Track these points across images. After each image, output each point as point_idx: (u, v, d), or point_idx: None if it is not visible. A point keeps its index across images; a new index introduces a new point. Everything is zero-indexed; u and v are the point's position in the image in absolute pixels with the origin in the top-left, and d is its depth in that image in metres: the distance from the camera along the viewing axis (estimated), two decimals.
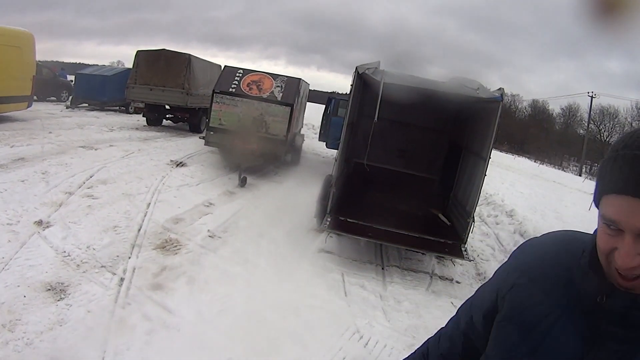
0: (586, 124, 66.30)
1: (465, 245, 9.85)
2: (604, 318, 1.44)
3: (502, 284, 1.77)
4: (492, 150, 9.68)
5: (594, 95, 63.28)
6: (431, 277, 9.74)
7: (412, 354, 2.26)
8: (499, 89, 9.46)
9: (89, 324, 5.78)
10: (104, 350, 5.36)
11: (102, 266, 7.39)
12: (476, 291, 2.03)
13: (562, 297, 1.57)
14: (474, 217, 9.86)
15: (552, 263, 1.65)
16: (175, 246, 8.73)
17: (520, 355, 1.60)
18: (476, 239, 12.43)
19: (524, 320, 1.62)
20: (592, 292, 1.47)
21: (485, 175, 9.64)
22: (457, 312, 2.12)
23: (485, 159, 9.63)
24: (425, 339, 2.28)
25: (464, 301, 2.12)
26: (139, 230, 9.13)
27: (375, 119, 9.58)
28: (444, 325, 2.19)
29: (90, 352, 5.26)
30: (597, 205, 1.43)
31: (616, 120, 67.17)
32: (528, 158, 60.63)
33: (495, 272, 1.90)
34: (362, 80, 10.10)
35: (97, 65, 35.28)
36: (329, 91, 34.48)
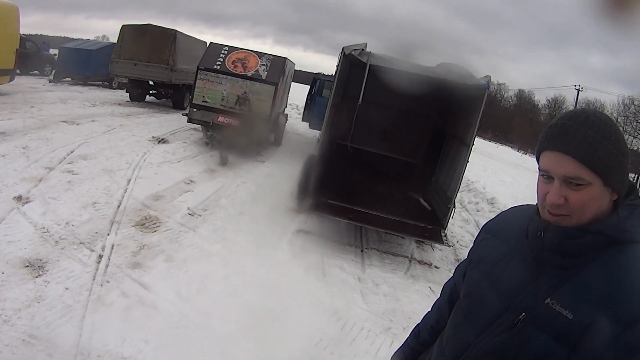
0: None
1: (445, 231, 9.92)
2: (544, 249, 1.86)
3: (474, 245, 2.33)
4: (476, 138, 9.70)
5: (580, 89, 63.55)
6: (410, 261, 9.78)
7: (405, 340, 2.70)
8: (486, 76, 9.45)
9: (67, 302, 5.75)
10: (80, 327, 5.34)
11: (80, 243, 7.35)
12: (456, 267, 2.54)
13: (516, 243, 2.02)
14: (454, 203, 9.91)
15: (511, 221, 2.17)
16: (155, 223, 8.71)
17: (482, 288, 2.06)
18: (456, 225, 12.52)
19: (486, 264, 2.11)
20: (535, 230, 1.91)
21: (468, 161, 9.67)
22: (441, 291, 2.60)
23: (468, 146, 9.67)
24: (403, 323, 2.57)
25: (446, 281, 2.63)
26: (119, 206, 9.09)
27: (360, 101, 9.58)
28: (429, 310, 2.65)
29: (67, 330, 5.25)
30: (537, 161, 1.90)
31: None
32: (511, 147, 60.96)
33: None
34: (348, 62, 10.04)
35: (81, 39, 34.90)
36: (315, 72, 34.47)
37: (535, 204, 2.01)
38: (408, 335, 2.68)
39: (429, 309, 2.64)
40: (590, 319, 1.70)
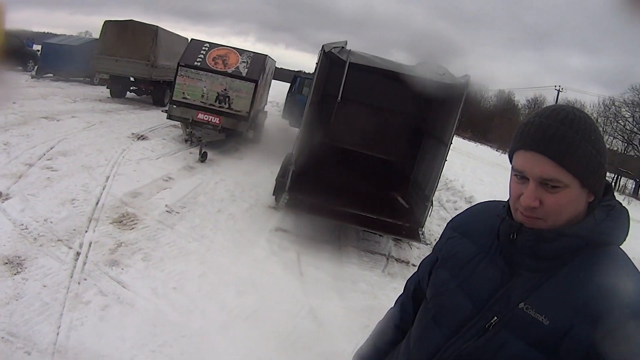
0: None
1: (423, 229, 9.94)
2: (517, 251, 1.78)
3: (440, 242, 2.21)
4: (454, 137, 9.75)
5: (560, 89, 63.70)
6: (388, 259, 9.84)
7: (367, 339, 2.54)
8: (465, 75, 9.49)
9: (45, 299, 5.75)
10: (58, 325, 5.35)
11: (58, 240, 7.33)
12: (420, 263, 2.43)
13: (485, 243, 1.94)
14: (432, 202, 9.98)
15: (479, 219, 2.07)
16: (133, 221, 8.69)
17: (450, 289, 1.95)
18: (434, 223, 12.58)
19: (454, 263, 2.01)
20: (507, 232, 1.81)
21: (446, 160, 9.74)
22: (404, 288, 2.51)
23: (446, 144, 9.72)
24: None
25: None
26: (97, 203, 9.07)
27: (339, 99, 9.64)
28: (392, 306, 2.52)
29: (45, 327, 5.25)
30: (510, 161, 1.81)
31: None
32: (490, 147, 60.94)
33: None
34: (328, 59, 10.08)
35: (64, 35, 34.58)
36: (296, 70, 34.49)
37: (504, 201, 1.96)
38: (370, 334, 2.55)
39: (392, 306, 2.53)
40: (568, 325, 1.64)
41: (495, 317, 1.78)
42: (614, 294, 1.63)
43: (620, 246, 1.79)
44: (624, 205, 1.85)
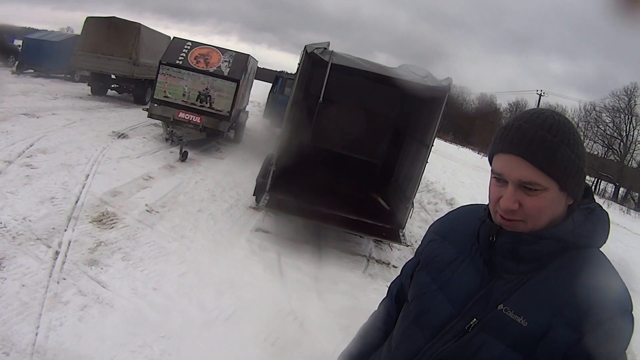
0: None
1: (404, 231, 9.96)
2: (497, 253, 1.80)
3: (421, 245, 2.24)
4: (436, 139, 9.77)
5: (542, 94, 64.23)
6: (368, 260, 9.89)
7: (352, 341, 2.52)
8: (447, 78, 9.51)
9: (23, 299, 5.69)
10: (37, 325, 5.29)
11: (37, 238, 7.25)
12: (402, 266, 2.43)
13: (466, 246, 1.96)
14: (413, 203, 9.98)
15: (461, 222, 2.10)
16: (112, 220, 8.63)
17: (431, 291, 1.98)
18: (415, 225, 12.60)
19: (435, 266, 2.03)
20: (486, 234, 1.83)
21: (427, 162, 9.75)
22: (387, 290, 2.52)
23: (427, 146, 9.74)
24: (361, 321, 2.49)
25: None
26: (77, 202, 8.98)
27: (321, 99, 9.61)
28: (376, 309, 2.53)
29: (23, 328, 5.19)
30: (490, 163, 1.83)
31: None
32: (472, 149, 61.27)
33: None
34: (310, 60, 10.06)
35: (46, 30, 34.36)
36: (278, 70, 34.52)
37: (485, 204, 1.95)
38: (354, 337, 2.53)
39: (376, 309, 2.54)
40: (546, 326, 1.65)
41: (475, 319, 1.79)
42: (592, 296, 1.65)
43: (601, 248, 1.80)
44: (603, 208, 1.87)
